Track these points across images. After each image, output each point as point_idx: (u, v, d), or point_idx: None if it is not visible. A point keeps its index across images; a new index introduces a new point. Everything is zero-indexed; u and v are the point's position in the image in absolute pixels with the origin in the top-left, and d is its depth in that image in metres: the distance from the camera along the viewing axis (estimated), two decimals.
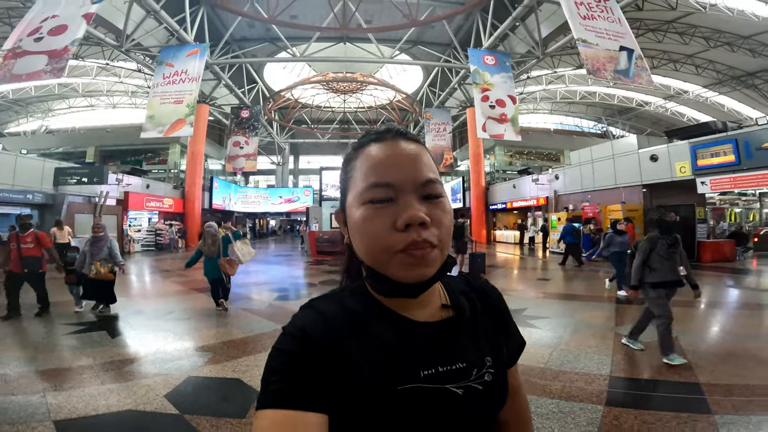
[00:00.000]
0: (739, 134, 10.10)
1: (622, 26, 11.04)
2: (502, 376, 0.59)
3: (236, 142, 20.80)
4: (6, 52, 10.05)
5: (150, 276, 10.07)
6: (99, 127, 28.67)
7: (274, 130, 29.81)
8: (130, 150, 24.69)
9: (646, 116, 29.99)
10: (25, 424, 2.52)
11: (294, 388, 0.46)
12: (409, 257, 0.49)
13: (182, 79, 13.94)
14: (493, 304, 0.67)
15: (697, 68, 21.48)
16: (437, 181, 0.54)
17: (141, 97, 26.63)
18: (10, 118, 28.50)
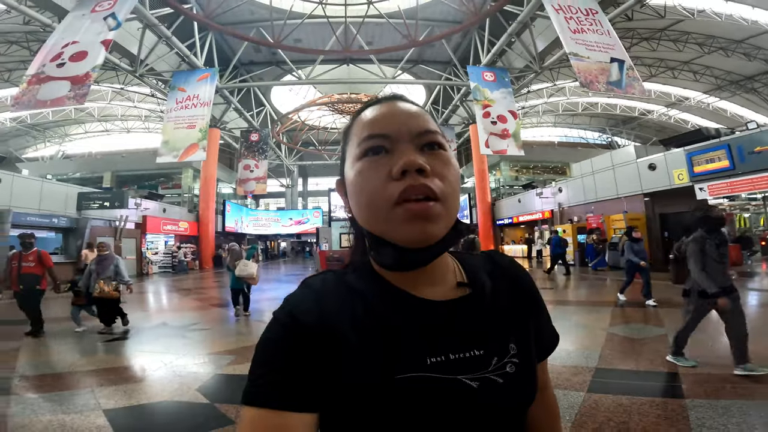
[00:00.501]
0: (732, 139, 10.33)
1: (611, 38, 11.36)
2: (529, 368, 0.51)
3: (246, 165, 21.45)
4: (30, 78, 10.34)
5: (171, 294, 10.52)
6: (114, 151, 29.74)
7: (283, 152, 30.65)
8: (145, 175, 25.62)
9: (650, 125, 30.20)
10: (80, 413, 2.90)
11: (279, 384, 0.42)
12: (407, 210, 0.44)
13: (194, 103, 14.60)
14: (520, 286, 0.59)
15: (695, 74, 21.85)
16: (437, 132, 0.50)
17: (153, 122, 27.81)
18: (27, 143, 29.73)
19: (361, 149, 0.49)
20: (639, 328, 4.97)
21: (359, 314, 0.47)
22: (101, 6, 11.27)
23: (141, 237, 16.38)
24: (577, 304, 7.26)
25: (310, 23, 16.11)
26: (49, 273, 5.55)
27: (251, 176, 21.57)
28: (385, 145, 0.48)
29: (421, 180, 0.45)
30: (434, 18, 16.73)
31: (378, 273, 0.52)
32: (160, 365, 4.02)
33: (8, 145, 28.10)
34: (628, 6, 13.10)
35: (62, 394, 3.31)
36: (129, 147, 30.10)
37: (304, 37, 17.11)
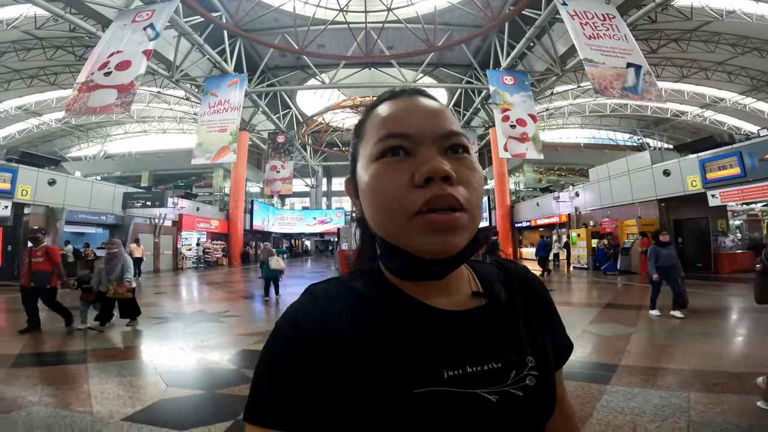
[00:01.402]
0: (743, 146, 10.43)
1: (628, 43, 11.45)
2: (549, 381, 0.48)
3: (273, 166, 22.63)
4: (80, 85, 11.21)
5: (205, 287, 11.66)
6: (151, 151, 31.84)
7: (308, 153, 31.84)
8: (180, 174, 27.37)
9: (683, 126, 29.57)
10: (141, 377, 3.80)
11: (281, 403, 0.40)
12: (429, 221, 0.41)
13: (225, 108, 15.72)
14: (535, 295, 0.56)
15: (729, 75, 21.37)
16: (462, 134, 0.46)
17: (187, 123, 29.60)
18: (71, 143, 32.18)
19: (378, 149, 0.45)
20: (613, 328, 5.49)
21: (368, 324, 0.44)
22: (140, 17, 12.32)
23: (177, 234, 17.81)
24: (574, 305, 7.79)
25: (333, 29, 16.92)
26: (56, 269, 5.54)
27: (278, 177, 22.73)
28: (405, 146, 0.44)
29: (447, 189, 0.41)
30: (453, 22, 17.21)
31: (388, 280, 0.49)
32: (199, 342, 4.93)
33: (54, 145, 30.52)
34: (649, 9, 13.06)
35: (128, 362, 4.28)
36: (165, 147, 32.12)
37: (327, 42, 17.99)
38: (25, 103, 23.89)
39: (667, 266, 5.82)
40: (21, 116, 25.36)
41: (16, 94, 22.13)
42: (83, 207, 13.28)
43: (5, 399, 3.10)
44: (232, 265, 20.31)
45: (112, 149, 33.42)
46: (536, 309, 0.55)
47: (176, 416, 2.80)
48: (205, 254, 18.79)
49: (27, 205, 11.51)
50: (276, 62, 20.34)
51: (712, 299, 7.43)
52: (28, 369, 3.91)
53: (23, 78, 20.33)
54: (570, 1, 12.05)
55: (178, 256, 17.62)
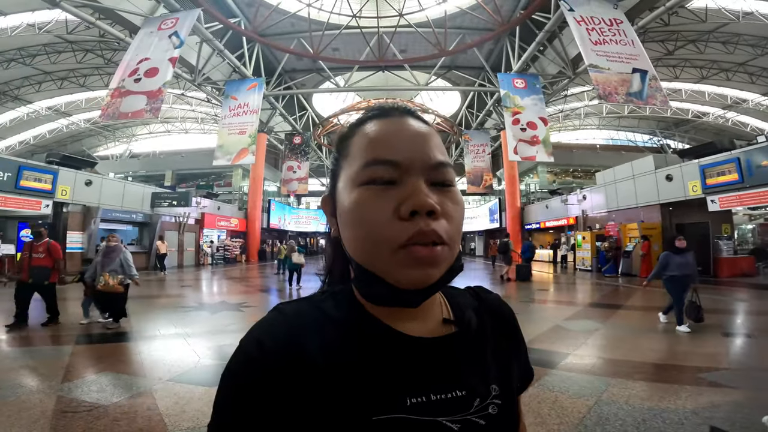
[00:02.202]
0: (742, 153, 10.74)
1: (635, 48, 11.61)
2: (511, 409, 0.50)
3: (290, 166, 23.61)
4: (113, 91, 12.01)
5: (226, 281, 12.69)
6: (174, 151, 33.47)
7: (323, 153, 32.85)
8: (201, 173, 28.73)
9: (705, 127, 29.36)
10: (178, 352, 4.67)
11: (238, 422, 0.41)
12: (412, 255, 0.41)
13: (244, 111, 16.63)
14: (504, 323, 0.58)
15: (751, 76, 21.17)
16: (450, 165, 0.47)
17: (208, 124, 31.00)
18: (99, 142, 34.00)
19: (364, 175, 0.44)
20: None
21: (334, 347, 0.44)
22: (165, 24, 13.10)
23: (199, 231, 19.05)
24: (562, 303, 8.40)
25: (346, 33, 17.71)
26: (57, 264, 5.61)
27: (294, 177, 23.71)
28: (393, 175, 0.44)
29: (431, 225, 0.41)
30: (465, 26, 17.78)
31: (359, 303, 0.49)
32: (222, 327, 5.86)
33: (82, 144, 32.38)
34: (659, 13, 13.29)
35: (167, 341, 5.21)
36: (187, 147, 33.70)
37: (342, 46, 18.82)
38: (55, 103, 25.40)
39: (681, 276, 5.27)
40: (51, 116, 26.99)
41: (47, 95, 23.56)
42: (116, 206, 14.53)
43: (89, 359, 4.03)
44: (250, 262, 21.47)
45: (137, 148, 35.19)
46: (505, 336, 0.56)
47: (207, 379, 3.65)
48: (225, 251, 19.95)
49: (66, 204, 12.76)
50: (293, 65, 21.29)
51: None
52: (86, 346, 4.86)
53: (54, 80, 21.68)
54: (577, 7, 12.32)
55: (200, 253, 18.83)
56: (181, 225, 17.36)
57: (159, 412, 2.87)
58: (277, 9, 16.19)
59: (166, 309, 7.31)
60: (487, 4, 15.49)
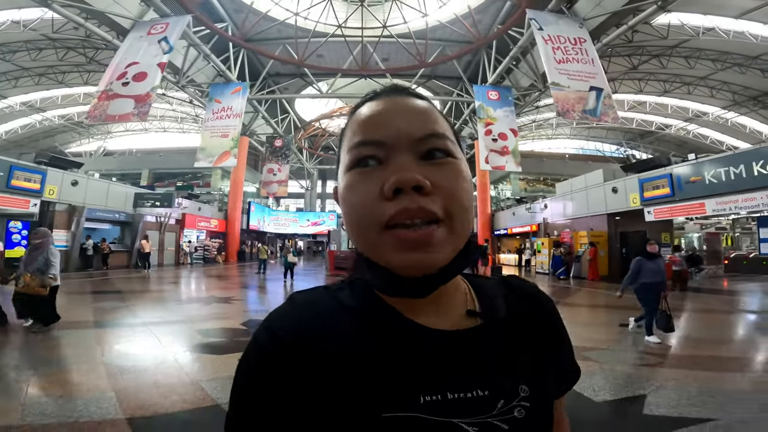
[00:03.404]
0: (673, 169, 12.19)
1: (594, 66, 12.50)
2: (542, 413, 0.45)
3: (270, 169, 24.22)
4: (100, 93, 12.09)
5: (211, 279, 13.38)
6: (152, 149, 33.61)
7: (304, 156, 33.61)
8: (179, 173, 29.04)
9: (668, 139, 31.38)
10: (182, 334, 5.53)
11: (252, 413, 0.42)
12: (397, 238, 0.39)
13: (228, 114, 17.19)
14: (541, 316, 0.53)
15: (711, 90, 22.65)
16: (444, 135, 0.44)
17: (187, 123, 31.33)
18: (72, 138, 33.61)
19: (351, 158, 0.44)
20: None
21: (346, 337, 0.43)
22: (155, 29, 13.47)
23: (180, 232, 19.65)
24: None
25: (332, 41, 18.56)
26: None
27: (274, 179, 24.34)
28: (377, 154, 0.42)
29: (418, 201, 0.39)
30: (445, 38, 18.88)
31: (376, 293, 0.47)
32: (218, 315, 6.75)
33: (54, 141, 32.05)
34: (622, 31, 14.27)
35: (172, 326, 6.07)
36: (164, 146, 33.92)
37: (326, 53, 19.71)
38: (30, 99, 25.29)
39: (653, 283, 5.07)
40: (25, 112, 26.74)
41: (23, 91, 23.49)
42: (100, 205, 15.06)
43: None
44: (229, 262, 22.08)
45: (111, 146, 35.06)
46: (541, 331, 0.52)
47: (212, 350, 4.57)
48: (205, 251, 20.57)
49: (52, 203, 13.26)
50: (277, 70, 22.04)
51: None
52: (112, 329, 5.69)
53: (31, 76, 21.68)
54: (546, 26, 13.26)
55: (180, 252, 19.41)
56: (162, 225, 17.90)
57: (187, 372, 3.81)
58: (266, 16, 16.96)
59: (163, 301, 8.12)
60: (465, 19, 16.73)
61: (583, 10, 14.41)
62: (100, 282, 11.01)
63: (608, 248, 14.21)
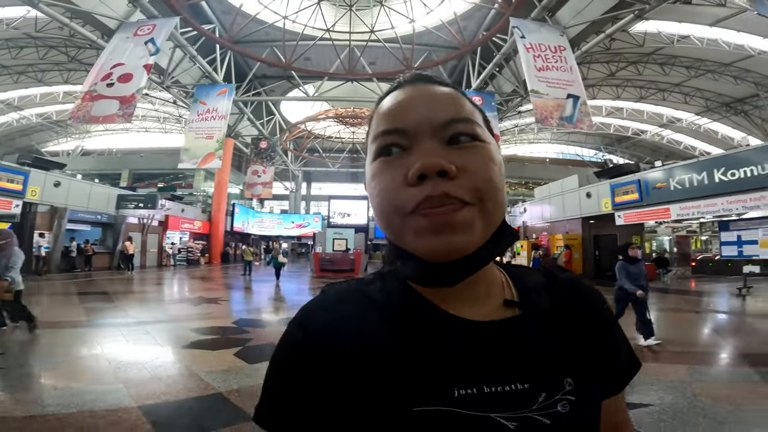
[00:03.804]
0: (641, 176, 12.92)
1: (572, 74, 12.89)
2: (589, 408, 0.43)
3: (255, 170, 24.30)
4: (84, 94, 12.09)
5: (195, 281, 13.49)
6: (132, 149, 33.10)
7: (289, 158, 33.65)
8: (161, 174, 28.79)
9: (644, 144, 32.35)
10: (177, 332, 5.73)
11: (281, 407, 0.43)
12: (424, 219, 0.39)
13: (213, 116, 17.09)
14: (587, 307, 0.51)
15: (685, 96, 23.52)
16: (469, 119, 0.43)
17: (169, 123, 31.00)
18: (50, 137, 32.72)
19: (375, 147, 0.44)
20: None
21: (378, 330, 0.43)
22: (142, 30, 13.38)
23: (162, 233, 19.58)
24: None
25: (319, 44, 18.75)
26: None
27: (258, 181, 24.41)
28: (401, 142, 0.42)
29: (442, 187, 0.38)
30: (431, 43, 19.29)
31: (408, 284, 0.47)
32: (207, 314, 6.91)
33: (31, 139, 31.32)
34: (600, 39, 14.81)
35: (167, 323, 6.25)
36: (145, 146, 33.47)
37: (314, 56, 19.89)
38: (8, 97, 24.77)
39: (636, 286, 5.05)
40: (2, 110, 26.17)
41: (1, 89, 23.02)
42: (82, 207, 14.96)
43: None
44: (212, 264, 22.06)
45: (90, 145, 34.41)
46: (587, 322, 0.49)
47: (207, 346, 4.79)
48: (188, 253, 20.53)
49: (35, 204, 13.13)
50: (263, 71, 22.07)
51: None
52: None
53: (10, 74, 21.25)
54: (528, 34, 13.56)
55: (162, 254, 19.38)
56: (145, 226, 17.84)
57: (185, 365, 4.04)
58: (254, 19, 17.08)
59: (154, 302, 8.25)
60: (451, 26, 17.15)
61: (565, 19, 14.97)
62: (87, 283, 11.03)
63: (582, 251, 14.87)
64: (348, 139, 31.40)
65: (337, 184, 38.28)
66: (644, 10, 12.59)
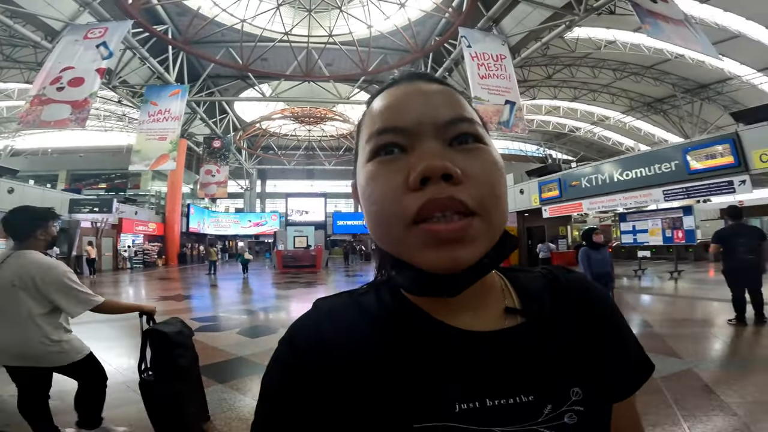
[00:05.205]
0: (561, 175, 15.22)
1: (510, 82, 13.78)
2: (598, 419, 0.42)
3: (208, 170, 24.24)
4: (32, 98, 11.71)
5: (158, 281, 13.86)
6: (69, 148, 31.34)
7: (243, 157, 33.52)
8: (102, 174, 27.67)
9: (579, 141, 35.26)
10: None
11: (275, 425, 0.42)
12: (428, 233, 0.36)
13: (165, 117, 16.83)
14: (594, 310, 0.49)
15: (613, 96, 25.93)
16: (473, 120, 0.42)
17: (110, 122, 29.75)
18: None
19: (371, 147, 0.42)
20: None
21: (373, 345, 0.42)
22: (93, 33, 13.04)
23: (116, 236, 19.37)
24: None
25: (277, 45, 19.14)
26: None
27: (212, 180, 24.39)
28: (400, 141, 0.40)
29: (447, 191, 0.36)
30: (387, 47, 20.24)
31: (403, 294, 0.46)
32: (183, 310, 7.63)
33: None
34: (538, 46, 16.47)
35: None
36: (83, 144, 31.75)
37: (270, 57, 20.15)
38: None
39: (599, 273, 4.95)
40: None
41: None
42: None
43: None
44: (169, 265, 21.98)
45: (21, 145, 32.06)
46: (595, 326, 0.47)
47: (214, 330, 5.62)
48: (144, 255, 20.39)
49: None
50: (217, 71, 22.02)
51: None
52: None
53: None
54: (474, 44, 14.64)
55: (118, 257, 19.26)
56: (99, 230, 17.60)
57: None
58: (212, 21, 17.24)
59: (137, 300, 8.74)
60: (405, 31, 18.18)
61: (508, 27, 16.58)
62: None
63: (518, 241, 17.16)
64: (304, 137, 31.85)
65: (292, 182, 38.60)
66: (574, 21, 14.10)
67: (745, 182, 9.20)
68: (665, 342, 4.58)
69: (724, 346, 4.56)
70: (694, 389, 3.19)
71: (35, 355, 2.15)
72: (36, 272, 2.15)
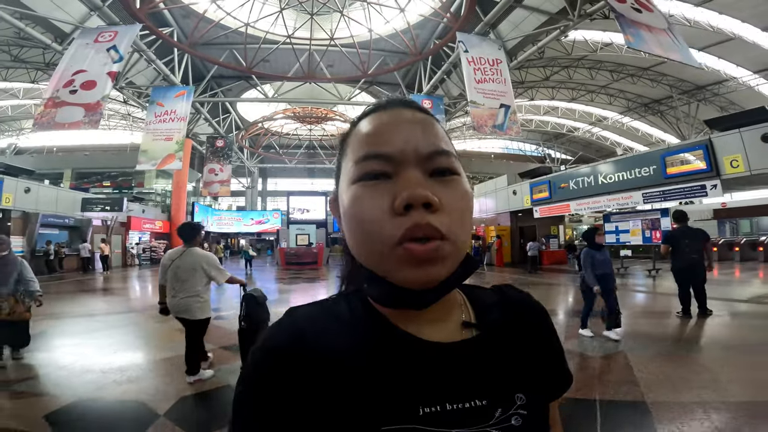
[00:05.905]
0: (551, 177, 16.00)
1: (505, 86, 14.20)
2: (539, 421, 0.49)
3: (212, 169, 24.79)
4: (46, 101, 11.96)
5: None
6: (74, 147, 32.16)
7: (245, 155, 34.27)
8: (106, 173, 28.31)
9: (577, 140, 35.89)
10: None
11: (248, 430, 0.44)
12: (409, 253, 0.42)
13: (171, 118, 17.39)
14: (535, 324, 0.57)
15: (610, 97, 26.56)
16: (450, 153, 0.47)
17: (114, 120, 30.68)
18: None
19: (357, 171, 0.46)
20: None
21: (343, 351, 0.45)
22: (103, 37, 13.51)
23: (125, 234, 20.25)
24: None
25: (280, 47, 19.78)
26: None
27: (216, 179, 24.94)
28: (386, 169, 0.45)
29: (427, 218, 0.42)
30: (387, 49, 20.79)
31: (372, 305, 0.50)
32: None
33: None
34: (532, 51, 17.16)
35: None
36: (87, 143, 32.63)
37: (273, 59, 20.78)
38: None
39: (601, 275, 4.95)
40: None
41: None
42: (51, 211, 15.59)
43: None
44: None
45: (24, 143, 32.77)
46: (535, 338, 0.55)
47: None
48: (152, 252, 21.27)
49: (8, 210, 13.64)
50: (221, 72, 22.66)
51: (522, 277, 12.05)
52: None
53: None
54: (471, 48, 15.09)
55: (127, 254, 20.17)
56: (109, 228, 18.44)
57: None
58: (217, 24, 17.89)
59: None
60: (405, 34, 18.77)
61: (505, 32, 17.15)
62: (82, 283, 12.28)
63: (510, 240, 18.20)
64: (305, 136, 32.57)
65: (294, 180, 39.39)
66: (569, 26, 14.56)
67: (717, 186, 9.90)
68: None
69: (662, 333, 5.35)
70: (619, 365, 4.03)
71: (191, 310, 3.64)
72: (203, 260, 3.68)
